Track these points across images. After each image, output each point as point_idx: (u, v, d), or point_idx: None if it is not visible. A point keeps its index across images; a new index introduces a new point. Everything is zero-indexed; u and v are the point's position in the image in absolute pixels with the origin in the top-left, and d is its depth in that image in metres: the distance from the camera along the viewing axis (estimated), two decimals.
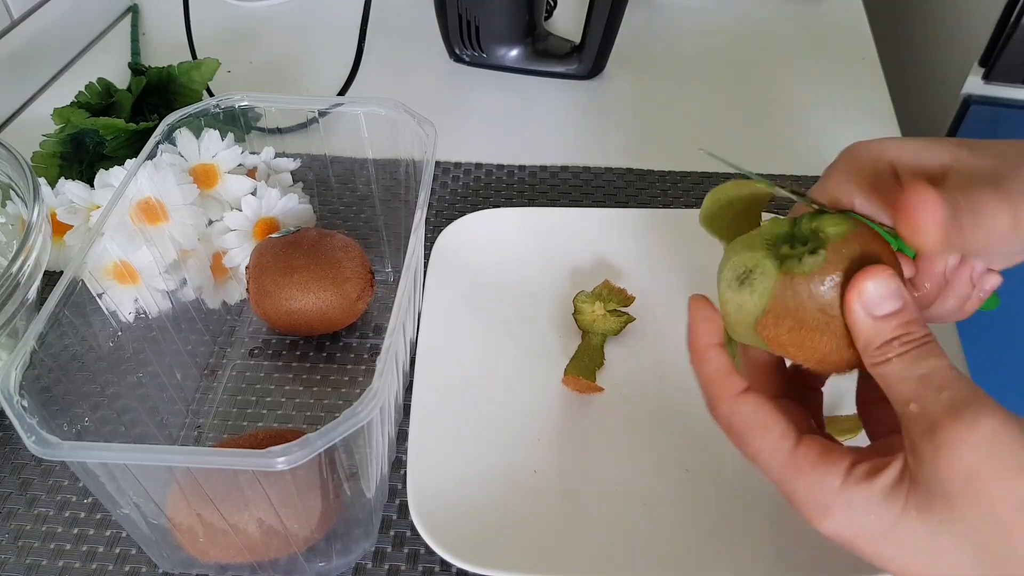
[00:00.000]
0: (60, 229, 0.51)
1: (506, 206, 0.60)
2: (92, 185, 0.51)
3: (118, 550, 0.41)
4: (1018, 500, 0.24)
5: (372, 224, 0.56)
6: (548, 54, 0.74)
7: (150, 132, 0.49)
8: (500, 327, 0.51)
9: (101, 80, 0.64)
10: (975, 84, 0.91)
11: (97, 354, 0.41)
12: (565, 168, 0.64)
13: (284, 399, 0.48)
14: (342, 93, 0.72)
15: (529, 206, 0.61)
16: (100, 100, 0.63)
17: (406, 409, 0.46)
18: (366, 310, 0.51)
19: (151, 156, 0.45)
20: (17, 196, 0.46)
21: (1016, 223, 0.28)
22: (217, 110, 0.49)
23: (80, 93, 0.63)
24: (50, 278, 0.41)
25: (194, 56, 0.73)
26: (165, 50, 0.79)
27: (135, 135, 0.59)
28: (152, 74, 0.65)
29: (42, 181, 0.48)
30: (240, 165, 0.51)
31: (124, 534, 0.42)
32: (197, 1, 0.78)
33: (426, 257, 0.52)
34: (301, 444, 0.30)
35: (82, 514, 0.43)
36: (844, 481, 0.27)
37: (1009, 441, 0.25)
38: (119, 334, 0.43)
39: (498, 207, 0.59)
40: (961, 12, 0.97)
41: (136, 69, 0.69)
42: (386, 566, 0.41)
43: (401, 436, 0.45)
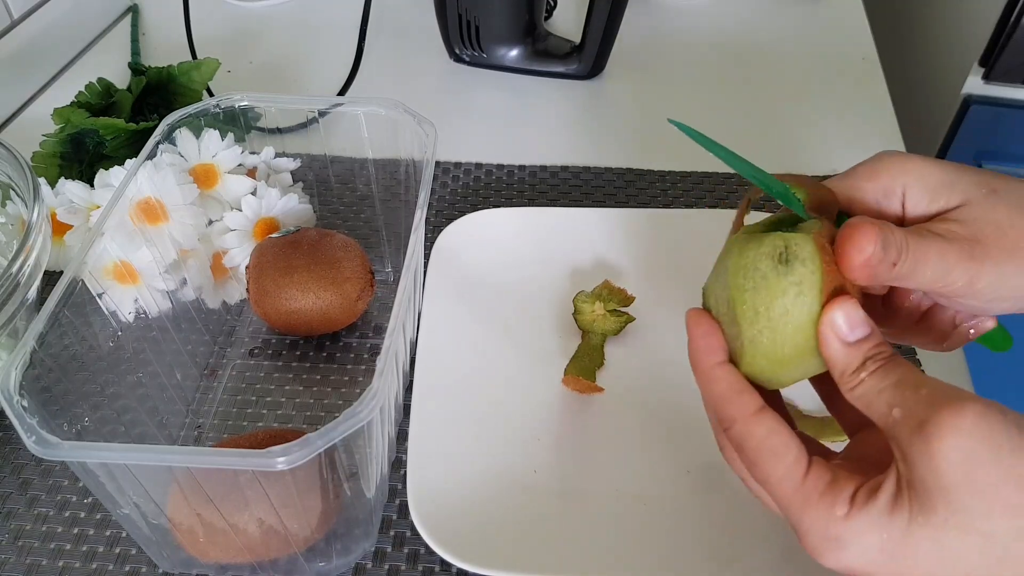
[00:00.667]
0: (60, 229, 0.51)
1: (506, 206, 0.60)
2: (92, 185, 0.51)
3: (118, 550, 0.41)
4: (1020, 479, 0.24)
5: (372, 224, 0.56)
6: (548, 54, 0.74)
7: (150, 132, 0.49)
8: (500, 327, 0.51)
9: (101, 80, 0.64)
10: (975, 84, 0.91)
11: (97, 354, 0.41)
12: (565, 168, 0.64)
13: (284, 399, 0.48)
14: (342, 93, 0.72)
15: (529, 206, 0.61)
16: (100, 100, 0.63)
17: (406, 409, 0.46)
18: (366, 310, 0.51)
19: (151, 156, 0.45)
20: (17, 196, 0.46)
21: (972, 281, 0.29)
22: (217, 110, 0.49)
23: (80, 93, 0.63)
24: (50, 278, 0.41)
25: (194, 56, 0.73)
26: (165, 50, 0.79)
27: (135, 135, 0.59)
28: (152, 74, 0.65)
29: (42, 181, 0.48)
30: (240, 165, 0.51)
31: (124, 534, 0.42)
32: (197, 1, 0.78)
33: (426, 257, 0.52)
34: (301, 444, 0.30)
35: (82, 514, 0.43)
36: (851, 509, 0.27)
37: (998, 423, 0.25)
38: (119, 334, 0.43)
39: (498, 207, 0.59)
40: (961, 12, 0.97)
41: (136, 69, 0.69)
42: (386, 566, 0.41)
43: (401, 436, 0.45)
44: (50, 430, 0.31)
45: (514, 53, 0.73)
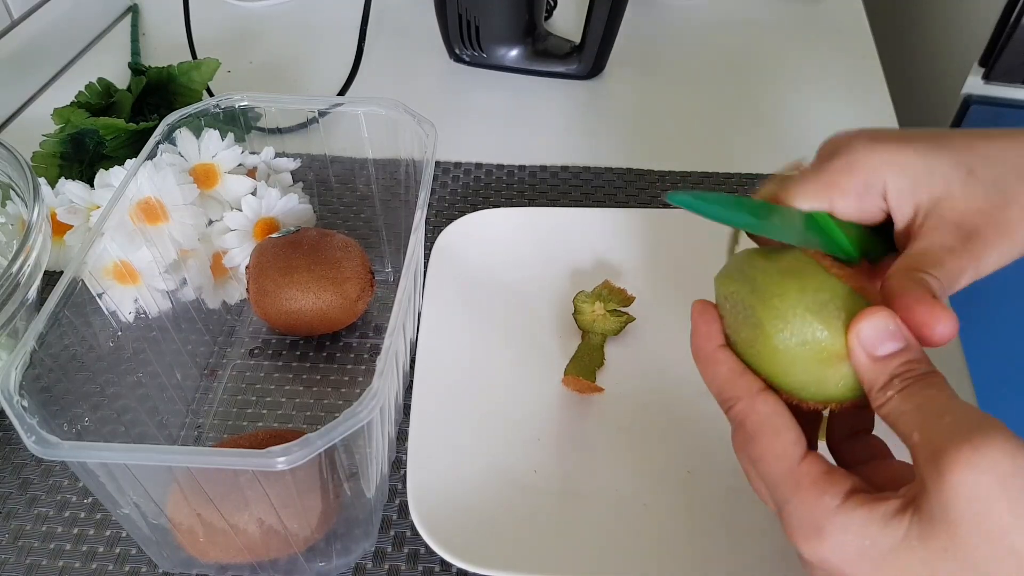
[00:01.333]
0: (60, 229, 0.51)
1: (506, 206, 0.60)
2: (92, 185, 0.51)
3: (118, 550, 0.41)
4: None
5: (372, 224, 0.56)
6: (548, 54, 0.74)
7: (150, 132, 0.49)
8: (500, 327, 0.51)
9: (101, 80, 0.64)
10: (975, 84, 0.91)
11: (97, 354, 0.41)
12: (565, 168, 0.64)
13: (284, 399, 0.48)
14: (342, 93, 0.72)
15: (529, 206, 0.61)
16: (100, 100, 0.63)
17: (406, 409, 0.46)
18: (366, 310, 0.51)
19: (151, 156, 0.45)
20: (17, 196, 0.46)
21: (977, 272, 0.30)
22: (217, 110, 0.49)
23: (80, 93, 0.63)
24: (50, 278, 0.41)
25: (194, 56, 0.73)
26: (165, 50, 0.79)
27: (135, 135, 0.59)
28: (152, 74, 0.65)
29: (42, 181, 0.48)
30: (240, 165, 0.51)
31: (124, 534, 0.42)
32: (197, 1, 0.78)
33: (426, 257, 0.52)
34: (301, 444, 0.30)
35: (82, 514, 0.43)
36: (842, 503, 0.26)
37: (1021, 466, 0.23)
38: (119, 334, 0.43)
39: (498, 207, 0.59)
40: (961, 12, 0.97)
41: (136, 69, 0.69)
42: (386, 566, 0.41)
43: (401, 436, 0.45)
44: (50, 430, 0.31)
45: (514, 53, 0.73)
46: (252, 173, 0.52)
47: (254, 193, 0.50)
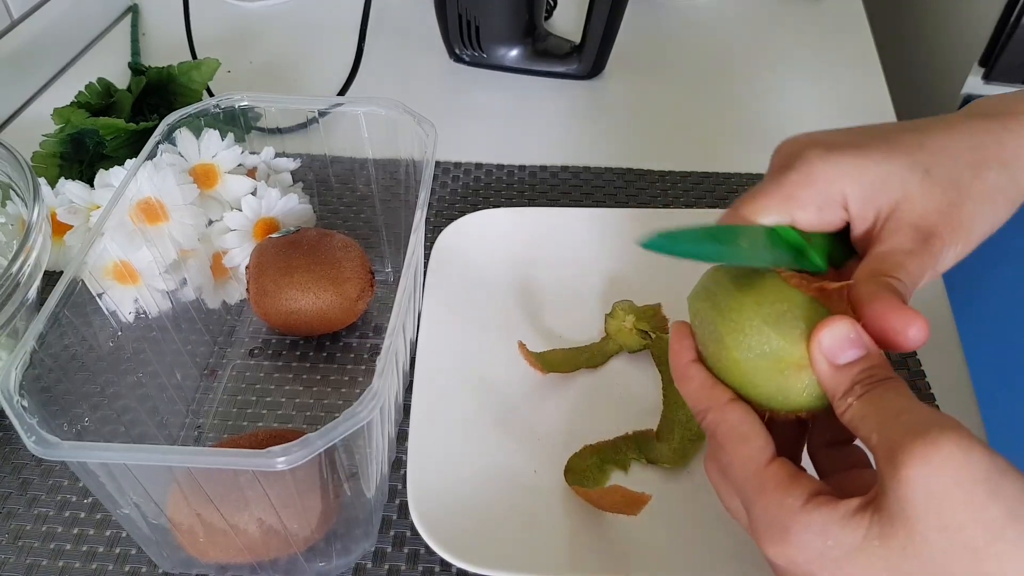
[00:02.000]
0: (60, 229, 0.51)
1: (506, 206, 0.60)
2: (92, 185, 0.51)
3: (118, 550, 0.41)
4: (989, 523, 0.24)
5: (372, 224, 0.56)
6: (548, 54, 0.74)
7: (150, 132, 0.49)
8: (500, 327, 0.51)
9: (101, 80, 0.64)
10: (975, 84, 0.91)
11: (97, 354, 0.41)
12: (565, 168, 0.64)
13: (284, 399, 0.48)
14: (342, 93, 0.72)
15: (529, 206, 0.61)
16: (100, 100, 0.63)
17: (406, 409, 0.46)
18: (366, 310, 0.51)
19: (151, 156, 0.45)
20: (17, 196, 0.46)
21: (938, 270, 0.31)
22: (217, 110, 0.49)
23: (80, 93, 0.63)
24: (50, 278, 0.40)
25: (194, 56, 0.73)
26: (165, 50, 0.79)
27: (135, 135, 0.59)
28: (152, 74, 0.65)
29: (42, 181, 0.48)
30: (240, 165, 0.51)
31: (124, 534, 0.42)
32: (197, 1, 0.78)
33: (426, 257, 0.52)
34: (301, 444, 0.30)
35: (82, 514, 0.43)
36: (805, 504, 0.27)
37: (976, 462, 0.24)
38: (119, 334, 0.43)
39: (498, 207, 0.59)
40: (961, 12, 0.97)
41: (136, 69, 0.69)
42: (386, 566, 0.41)
43: (401, 436, 0.45)
44: (50, 430, 0.31)
45: (514, 53, 0.73)
46: (252, 173, 0.52)
47: (254, 193, 0.50)
